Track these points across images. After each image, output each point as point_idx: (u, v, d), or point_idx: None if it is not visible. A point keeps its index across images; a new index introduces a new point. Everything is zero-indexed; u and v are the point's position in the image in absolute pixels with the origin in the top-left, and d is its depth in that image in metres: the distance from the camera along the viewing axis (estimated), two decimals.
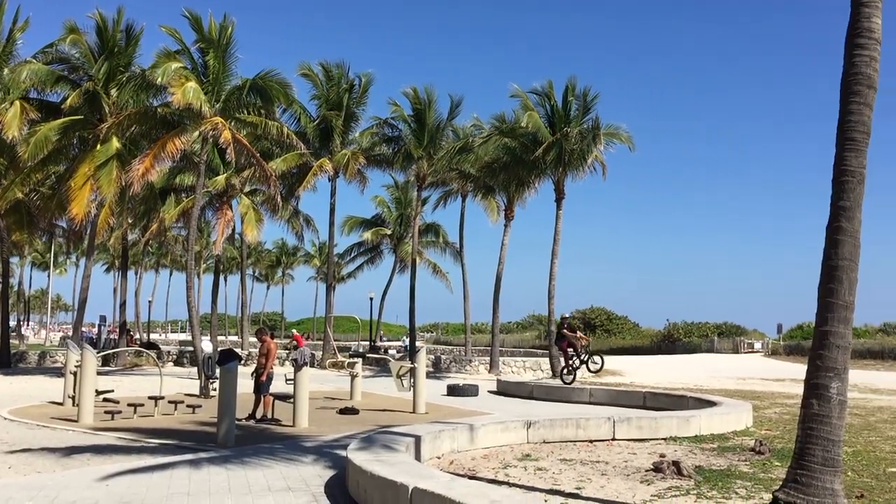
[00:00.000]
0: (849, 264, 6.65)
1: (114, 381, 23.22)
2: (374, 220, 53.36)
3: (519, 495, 6.54)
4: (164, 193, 36.27)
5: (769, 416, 16.61)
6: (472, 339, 48.50)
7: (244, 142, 24.48)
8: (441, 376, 30.76)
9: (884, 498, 8.12)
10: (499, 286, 34.81)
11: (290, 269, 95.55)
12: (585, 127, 30.97)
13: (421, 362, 17.60)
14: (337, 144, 36.56)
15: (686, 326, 73.39)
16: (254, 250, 77.22)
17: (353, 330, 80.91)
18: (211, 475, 9.18)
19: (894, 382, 30.82)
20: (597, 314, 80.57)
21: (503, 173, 33.05)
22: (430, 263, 52.73)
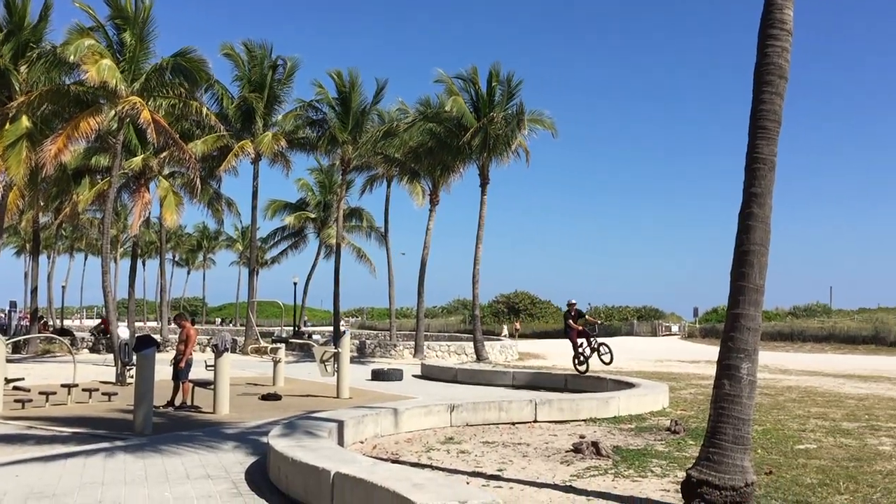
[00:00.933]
0: (759, 249, 6.87)
1: (25, 369, 22.40)
2: (299, 204, 52.72)
3: (441, 478, 6.58)
4: (79, 175, 35.00)
5: (685, 397, 17.12)
6: (397, 324, 48.45)
7: (163, 122, 23.80)
8: (365, 361, 30.69)
9: (791, 474, 8.47)
10: (424, 271, 34.90)
11: (211, 254, 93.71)
12: (510, 112, 31.22)
13: (345, 347, 17.51)
14: (259, 127, 35.94)
15: (607, 310, 75.03)
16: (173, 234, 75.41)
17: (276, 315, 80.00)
18: (127, 463, 8.96)
19: (803, 363, 32.17)
20: (521, 298, 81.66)
21: (428, 158, 33.07)
22: (355, 248, 52.43)
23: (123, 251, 69.68)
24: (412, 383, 20.97)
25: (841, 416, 13.85)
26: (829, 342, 48.93)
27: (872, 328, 49.37)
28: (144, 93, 23.12)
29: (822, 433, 11.72)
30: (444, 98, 32.83)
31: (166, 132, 23.91)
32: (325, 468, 6.73)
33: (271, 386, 18.86)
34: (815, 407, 15.43)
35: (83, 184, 35.25)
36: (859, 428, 12.35)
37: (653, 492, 7.71)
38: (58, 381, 17.85)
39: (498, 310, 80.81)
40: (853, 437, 11.29)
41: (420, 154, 33.11)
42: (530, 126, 32.02)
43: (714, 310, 68.05)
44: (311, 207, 52.36)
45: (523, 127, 31.09)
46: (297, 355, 32.77)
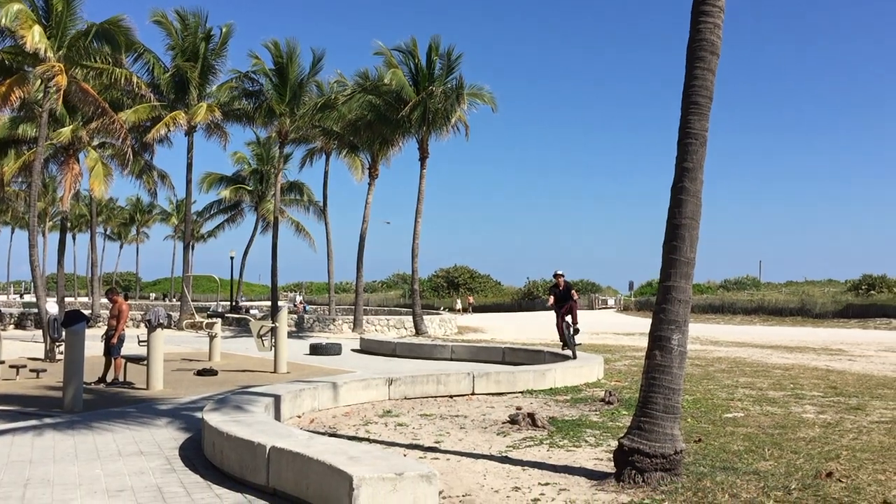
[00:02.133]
0: (690, 223, 7.01)
1: None
2: (235, 177, 51.81)
3: (378, 451, 6.58)
4: (4, 146, 33.76)
5: (619, 369, 17.47)
6: (336, 299, 48.23)
7: (89, 89, 23.05)
8: (304, 336, 30.51)
9: (719, 442, 8.73)
10: (363, 245, 34.77)
11: (145, 227, 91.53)
12: (449, 86, 31.11)
13: (282, 321, 17.35)
14: (193, 97, 35.10)
15: (545, 284, 75.79)
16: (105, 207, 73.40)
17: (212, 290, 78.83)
18: (56, 441, 8.75)
19: (733, 335, 33.11)
20: (460, 273, 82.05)
21: (367, 131, 32.83)
22: (294, 222, 51.88)
23: (52, 224, 67.60)
24: (351, 357, 20.92)
25: (767, 386, 14.32)
26: (758, 314, 50.49)
27: (799, 301, 51.11)
28: (69, 60, 22.32)
29: (749, 402, 12.10)
30: (383, 71, 32.56)
31: (93, 99, 23.17)
32: (261, 443, 6.67)
33: (207, 361, 18.61)
34: (744, 377, 15.92)
35: (9, 154, 34.02)
36: (784, 396, 12.79)
37: (586, 461, 7.86)
38: None
39: (437, 284, 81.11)
40: (779, 406, 11.68)
41: (359, 127, 32.82)
42: (470, 100, 31.99)
43: (649, 283, 69.49)
44: (249, 181, 51.53)
45: (462, 101, 31.05)
46: (233, 330, 32.38)
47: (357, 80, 33.28)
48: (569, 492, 6.59)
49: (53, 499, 6.28)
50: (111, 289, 15.87)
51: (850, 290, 54.27)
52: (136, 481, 6.89)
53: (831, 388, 13.92)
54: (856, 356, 21.99)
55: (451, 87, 31.04)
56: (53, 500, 6.22)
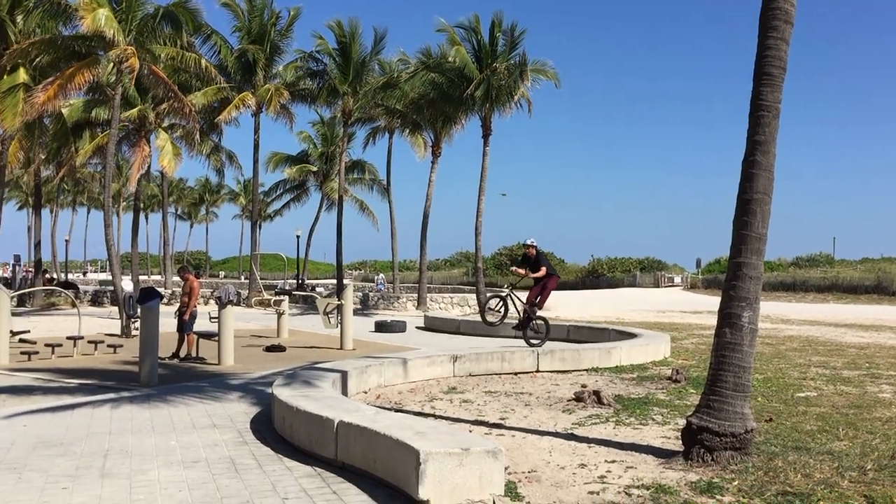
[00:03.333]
0: (762, 197, 6.82)
1: (30, 322, 22.55)
2: (300, 156, 52.46)
3: (444, 426, 6.64)
4: (79, 128, 34.81)
5: (686, 347, 17.22)
6: (400, 277, 48.60)
7: (160, 72, 23.57)
8: (369, 313, 30.85)
9: (791, 421, 8.54)
10: (426, 223, 34.86)
11: (214, 207, 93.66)
12: (512, 63, 30.83)
13: (348, 299, 17.57)
14: (260, 78, 35.57)
15: (610, 262, 75.07)
16: (175, 187, 75.31)
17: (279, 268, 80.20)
18: (133, 413, 9.06)
19: (804, 313, 32.28)
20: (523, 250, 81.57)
21: (430, 109, 32.81)
22: (358, 201, 52.33)
23: (126, 205, 69.70)
24: (415, 335, 21.09)
25: (842, 365, 13.94)
26: (831, 292, 49.05)
27: (875, 278, 49.43)
28: (139, 43, 22.83)
29: (822, 381, 11.80)
30: (445, 48, 32.41)
31: (163, 82, 23.68)
32: (329, 417, 6.78)
33: (275, 338, 18.99)
34: (817, 356, 15.52)
35: (83, 137, 35.08)
36: (860, 376, 12.44)
37: (653, 439, 7.79)
38: (63, 334, 17.98)
39: (501, 262, 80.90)
40: (853, 385, 11.37)
41: (422, 105, 32.82)
42: (533, 76, 31.65)
43: (717, 260, 68.05)
44: (313, 160, 52.10)
45: (526, 78, 30.72)
46: (300, 308, 32.94)
47: (420, 57, 33.23)
48: (636, 469, 6.55)
49: (132, 469, 6.51)
50: (183, 267, 16.29)
51: None
52: (210, 453, 7.09)
53: None
54: None
55: (515, 63, 30.74)
56: (132, 470, 6.45)
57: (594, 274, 71.51)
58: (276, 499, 5.65)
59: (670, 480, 6.16)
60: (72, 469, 6.47)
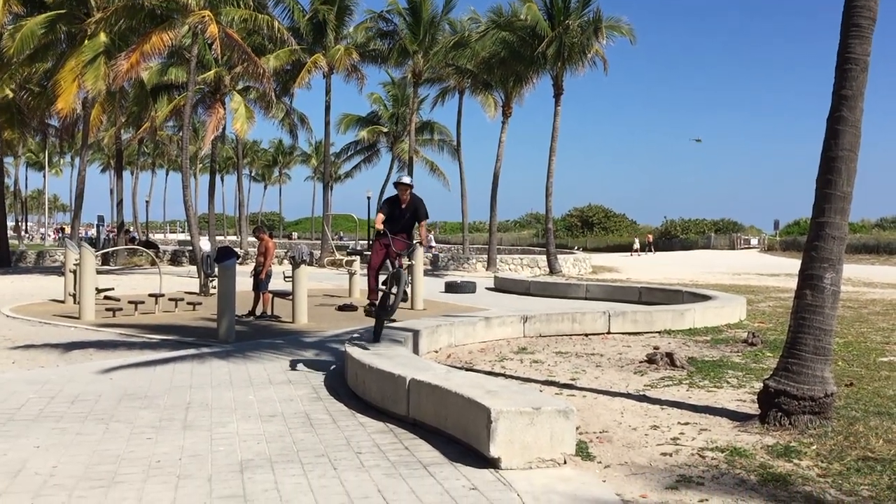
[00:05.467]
0: (848, 154, 6.56)
1: (113, 280, 23.40)
2: (371, 118, 52.68)
3: (515, 385, 6.66)
4: (157, 91, 35.67)
5: (763, 310, 16.82)
6: (469, 238, 48.65)
7: (234, 36, 23.86)
8: (439, 274, 31.03)
9: (872, 386, 8.29)
10: (496, 184, 34.71)
11: (286, 169, 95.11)
12: (585, 20, 30.20)
13: (418, 259, 17.69)
14: (331, 40, 35.74)
15: (683, 223, 73.70)
16: (249, 149, 76.56)
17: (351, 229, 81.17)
18: (213, 368, 9.34)
19: (888, 276, 31.15)
20: (595, 212, 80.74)
21: (501, 69, 32.48)
22: (428, 162, 52.39)
23: (202, 167, 71.28)
24: (485, 295, 21.14)
25: None
26: None
27: None
28: (212, 6, 23.12)
29: None
30: (517, 6, 31.95)
31: (238, 46, 23.99)
32: (402, 375, 6.87)
33: (347, 297, 19.26)
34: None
35: (161, 100, 35.94)
36: None
37: (728, 402, 7.66)
38: (145, 292, 18.62)
39: (571, 223, 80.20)
40: None
41: (492, 65, 32.51)
42: (607, 33, 30.96)
43: (796, 222, 66.06)
44: (384, 121, 52.28)
45: (601, 35, 30.09)
46: None
47: (490, 16, 32.85)
48: (710, 432, 6.46)
49: (212, 421, 6.73)
50: (258, 227, 16.62)
51: None
52: (286, 408, 7.27)
53: None
54: None
55: (588, 20, 30.11)
56: (212, 423, 6.67)
57: (667, 236, 70.31)
58: (349, 452, 5.77)
59: (745, 444, 6.06)
60: (155, 420, 6.72)
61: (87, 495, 4.77)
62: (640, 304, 17.37)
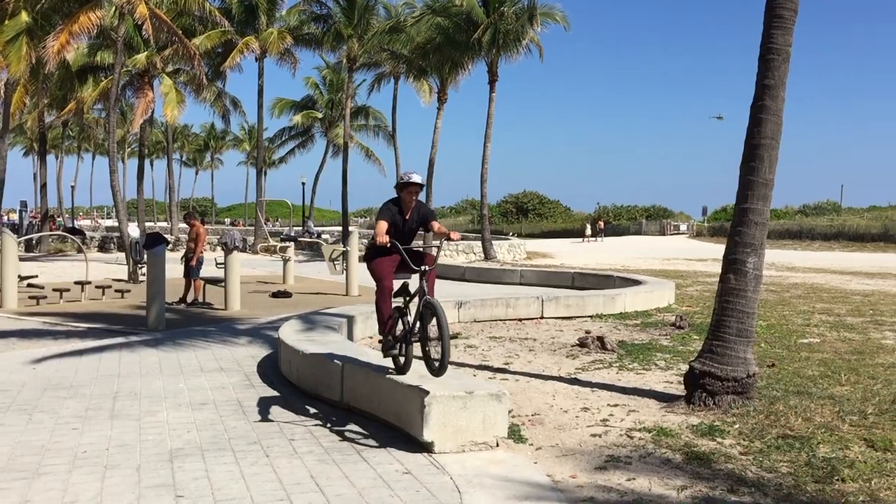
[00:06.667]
0: (770, 142, 6.77)
1: (38, 267, 22.69)
2: (305, 102, 52.11)
3: (449, 371, 6.69)
4: (83, 73, 34.58)
5: (690, 294, 17.26)
6: None
7: (162, 16, 23.27)
8: None
9: (793, 367, 8.60)
10: (432, 170, 34.70)
11: (218, 154, 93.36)
12: (520, 7, 30.36)
13: (353, 246, 17.62)
14: (263, 22, 35.17)
15: (615, 210, 74.94)
16: (180, 134, 74.95)
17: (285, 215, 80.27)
18: (142, 357, 9.16)
19: (810, 261, 32.27)
20: (529, 198, 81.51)
21: (436, 54, 32.42)
22: (363, 147, 52.11)
23: (130, 151, 69.46)
24: None
25: (845, 312, 13.98)
26: (837, 240, 48.95)
27: (882, 226, 49.26)
28: None
29: (825, 328, 11.85)
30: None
31: (167, 27, 23.41)
32: (335, 361, 6.86)
33: (281, 284, 19.08)
34: (821, 303, 15.56)
35: (88, 82, 34.86)
36: (863, 323, 12.48)
37: (656, 384, 7.86)
38: (71, 279, 18.10)
39: (506, 210, 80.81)
40: (857, 332, 11.41)
41: (428, 50, 32.43)
42: (542, 20, 31.16)
43: (723, 208, 67.86)
44: (319, 106, 51.77)
45: (536, 22, 30.28)
46: (306, 255, 33.04)
47: (426, 1, 32.74)
48: (638, 413, 6.62)
49: (141, 410, 6.61)
50: (189, 213, 16.31)
51: None
52: (218, 395, 7.18)
53: None
54: None
55: (523, 7, 30.27)
56: (141, 412, 6.55)
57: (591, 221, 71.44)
58: (282, 439, 5.74)
59: (672, 424, 6.23)
60: (81, 410, 6.57)
61: (9, 487, 4.65)
62: (573, 290, 17.64)
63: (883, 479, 4.86)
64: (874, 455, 5.35)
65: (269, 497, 4.53)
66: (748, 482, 4.86)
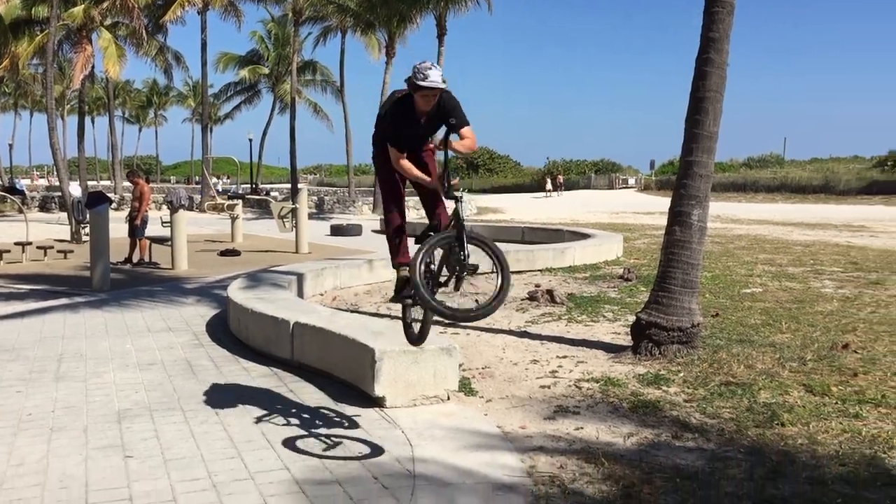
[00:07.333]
0: (714, 95, 6.83)
1: None
2: (251, 56, 51.01)
3: (400, 326, 6.70)
4: (17, 27, 33.25)
5: (638, 247, 17.52)
6: (356, 181, 48.21)
7: None
8: (325, 217, 30.71)
9: (736, 316, 8.81)
10: None
11: (162, 110, 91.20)
12: None
13: (302, 203, 17.44)
14: None
15: (565, 164, 75.26)
16: (121, 90, 72.89)
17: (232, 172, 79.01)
18: (87, 318, 8.99)
19: (754, 213, 32.97)
20: (479, 154, 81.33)
21: (383, 8, 31.91)
22: (311, 103, 51.36)
23: (70, 108, 67.36)
24: (372, 238, 21.09)
25: (787, 262, 14.34)
26: (780, 192, 50.02)
27: (823, 178, 50.43)
28: None
29: (768, 278, 12.14)
30: None
31: None
32: (285, 318, 6.82)
33: (230, 242, 18.84)
34: (763, 254, 15.93)
35: (23, 37, 33.57)
36: (804, 272, 12.82)
37: (604, 335, 7.99)
38: (11, 240, 17.60)
39: (456, 165, 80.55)
40: (797, 281, 11.72)
41: (374, 3, 31.90)
42: None
43: (671, 162, 68.57)
44: (265, 61, 50.72)
45: None
46: (255, 212, 32.63)
47: None
48: (586, 364, 6.74)
49: (87, 372, 6.50)
50: (132, 171, 15.93)
51: (875, 167, 53.38)
52: (166, 355, 7.10)
53: (851, 264, 13.92)
54: (878, 232, 21.88)
55: None
56: (87, 373, 6.45)
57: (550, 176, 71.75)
58: (233, 398, 5.71)
59: (619, 374, 6.36)
60: (25, 373, 6.44)
61: None
62: (524, 244, 17.76)
63: (821, 422, 5.04)
64: (812, 399, 5.53)
65: (219, 455, 4.52)
66: (692, 428, 4.99)
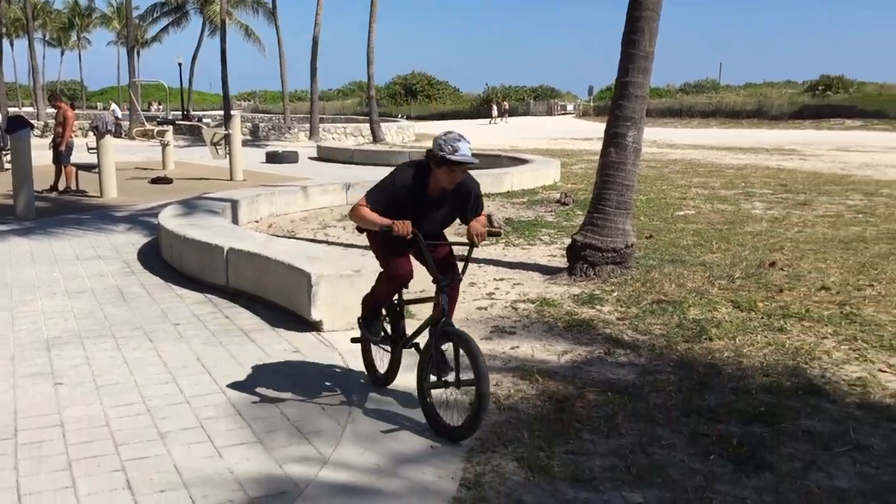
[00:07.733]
0: (650, 14, 6.80)
1: None
2: None
3: (337, 251, 6.68)
4: None
5: (575, 172, 17.64)
6: (291, 107, 47.14)
7: None
8: (260, 144, 30.05)
9: (669, 237, 9.00)
10: (316, 51, 33.52)
11: (85, 33, 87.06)
12: None
13: (236, 128, 16.99)
14: None
15: (504, 90, 74.86)
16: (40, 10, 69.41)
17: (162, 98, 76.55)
18: (11, 246, 8.70)
19: (689, 138, 33.43)
20: (418, 80, 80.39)
21: None
22: (242, 26, 49.81)
23: None
24: (308, 165, 20.77)
25: (720, 185, 14.64)
26: (715, 117, 50.79)
27: (756, 103, 51.31)
28: None
29: (701, 200, 12.39)
30: None
31: None
32: (219, 245, 6.70)
33: (161, 170, 18.30)
34: (697, 177, 16.21)
35: None
36: (735, 195, 13.12)
37: (540, 258, 8.08)
38: None
39: (395, 91, 79.54)
40: (729, 203, 11.99)
41: None
42: None
43: (609, 88, 68.79)
44: None
45: None
46: (187, 139, 31.74)
47: None
48: (523, 286, 6.81)
49: (13, 300, 6.31)
50: (53, 94, 15.28)
51: (806, 92, 54.47)
52: (96, 283, 6.93)
53: (781, 186, 14.29)
54: (807, 156, 22.44)
55: None
56: (13, 301, 6.26)
57: (488, 103, 71.42)
58: (167, 324, 5.63)
59: (554, 294, 6.45)
60: None
61: None
62: None
63: (746, 336, 5.21)
64: (739, 315, 5.71)
65: (153, 380, 4.46)
66: (624, 344, 5.11)
